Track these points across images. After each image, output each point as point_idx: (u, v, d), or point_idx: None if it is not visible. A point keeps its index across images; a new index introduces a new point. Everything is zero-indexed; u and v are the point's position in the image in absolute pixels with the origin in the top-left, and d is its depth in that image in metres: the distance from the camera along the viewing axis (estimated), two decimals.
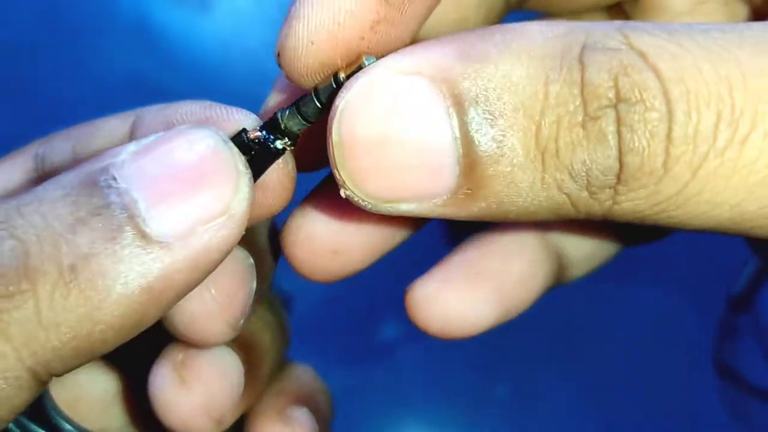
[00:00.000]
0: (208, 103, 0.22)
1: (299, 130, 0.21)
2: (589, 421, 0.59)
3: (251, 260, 0.25)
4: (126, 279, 0.17)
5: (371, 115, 0.18)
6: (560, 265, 0.27)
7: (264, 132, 0.21)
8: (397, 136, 0.18)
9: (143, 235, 0.17)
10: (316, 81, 0.20)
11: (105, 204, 0.17)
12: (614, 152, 0.17)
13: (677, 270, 0.61)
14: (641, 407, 0.59)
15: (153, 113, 0.24)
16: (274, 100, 0.25)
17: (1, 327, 0.17)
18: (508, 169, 0.18)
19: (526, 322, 0.61)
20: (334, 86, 0.20)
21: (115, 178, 0.18)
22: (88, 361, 0.18)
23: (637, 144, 0.17)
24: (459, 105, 0.17)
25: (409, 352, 0.58)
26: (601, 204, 0.18)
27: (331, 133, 0.19)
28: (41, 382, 0.18)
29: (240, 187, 0.18)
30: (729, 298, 0.59)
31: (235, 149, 0.19)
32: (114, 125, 0.25)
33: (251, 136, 0.21)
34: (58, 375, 0.18)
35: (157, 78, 0.70)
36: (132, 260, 0.17)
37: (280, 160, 0.21)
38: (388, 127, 0.18)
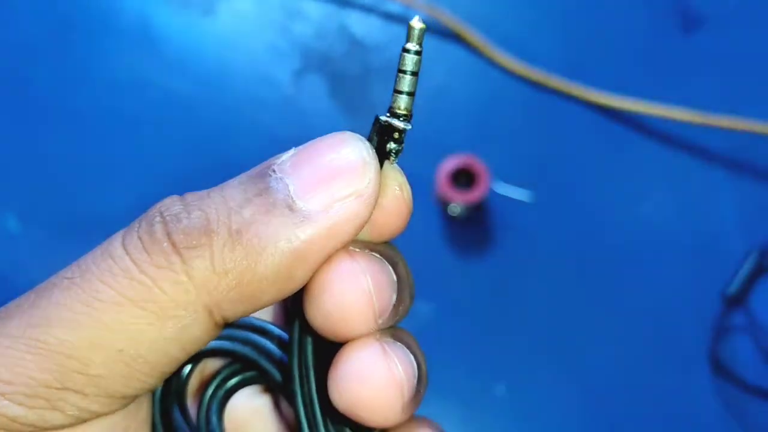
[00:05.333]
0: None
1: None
2: (585, 419, 0.59)
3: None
4: (277, 242, 0.23)
5: None
6: None
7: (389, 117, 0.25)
8: None
9: (292, 210, 0.23)
10: None
11: (266, 187, 0.23)
12: None
13: (672, 269, 0.62)
14: (637, 405, 0.59)
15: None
16: None
17: (187, 269, 0.22)
18: None
19: (524, 322, 0.62)
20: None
21: (275, 171, 0.23)
22: (252, 309, 0.24)
23: None
24: None
25: None
26: None
27: None
28: (214, 323, 0.23)
29: (367, 175, 0.23)
30: (724, 296, 0.60)
31: (366, 144, 0.24)
32: None
33: (382, 120, 0.24)
34: (228, 320, 0.24)
35: (160, 81, 0.70)
36: (282, 228, 0.23)
37: (396, 188, 0.25)
38: None
